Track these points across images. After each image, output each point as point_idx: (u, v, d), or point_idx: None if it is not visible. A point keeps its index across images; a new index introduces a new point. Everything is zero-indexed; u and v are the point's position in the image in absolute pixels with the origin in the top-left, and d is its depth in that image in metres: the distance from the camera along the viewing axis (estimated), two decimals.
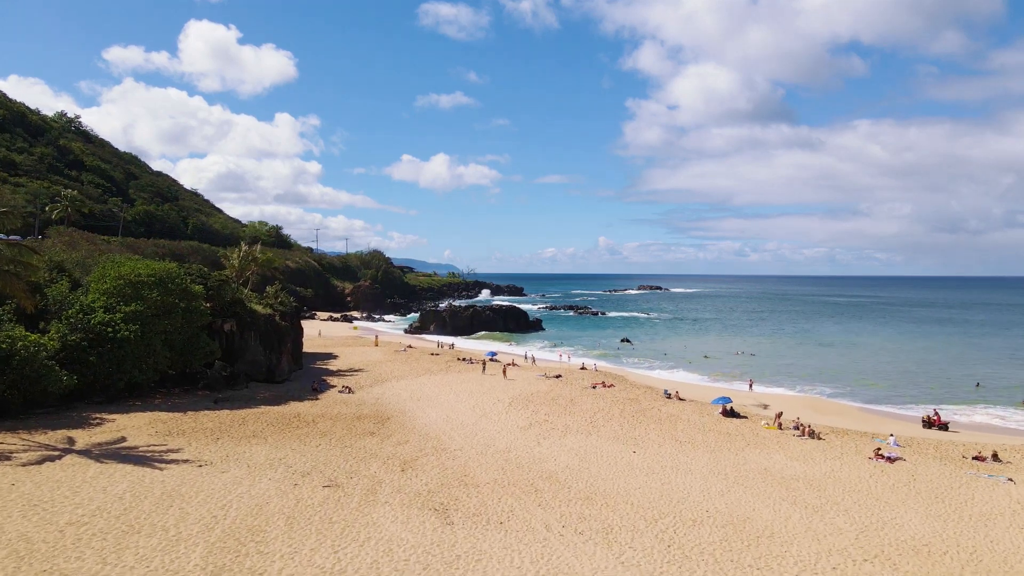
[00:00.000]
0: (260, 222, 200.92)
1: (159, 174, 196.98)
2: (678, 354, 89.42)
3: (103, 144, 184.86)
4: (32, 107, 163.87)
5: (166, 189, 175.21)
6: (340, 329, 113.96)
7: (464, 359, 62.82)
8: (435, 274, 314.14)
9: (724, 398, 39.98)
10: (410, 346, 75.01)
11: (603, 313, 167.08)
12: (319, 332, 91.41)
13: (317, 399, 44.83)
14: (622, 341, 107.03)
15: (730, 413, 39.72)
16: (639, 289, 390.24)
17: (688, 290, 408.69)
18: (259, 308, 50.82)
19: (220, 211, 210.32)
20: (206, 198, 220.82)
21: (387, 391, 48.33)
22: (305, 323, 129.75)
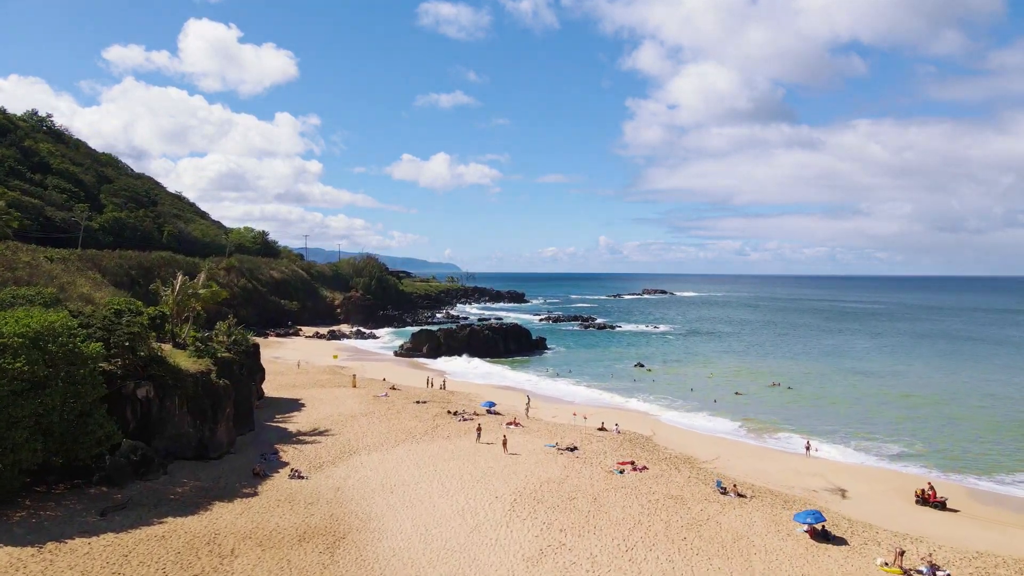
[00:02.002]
0: (246, 228, 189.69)
1: (139, 176, 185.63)
2: (704, 388, 78.07)
3: (77, 145, 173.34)
4: None
5: (144, 193, 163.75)
6: (322, 352, 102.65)
7: (455, 413, 51.42)
8: (433, 278, 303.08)
9: (812, 513, 28.64)
10: (393, 387, 63.64)
11: (611, 326, 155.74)
12: (298, 363, 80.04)
13: (255, 492, 33.55)
14: (636, 366, 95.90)
15: (822, 535, 28.41)
16: (643, 293, 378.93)
17: (693, 294, 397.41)
18: (189, 363, 39.48)
19: (205, 215, 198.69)
20: (191, 201, 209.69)
21: (353, 474, 37.02)
22: (287, 342, 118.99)
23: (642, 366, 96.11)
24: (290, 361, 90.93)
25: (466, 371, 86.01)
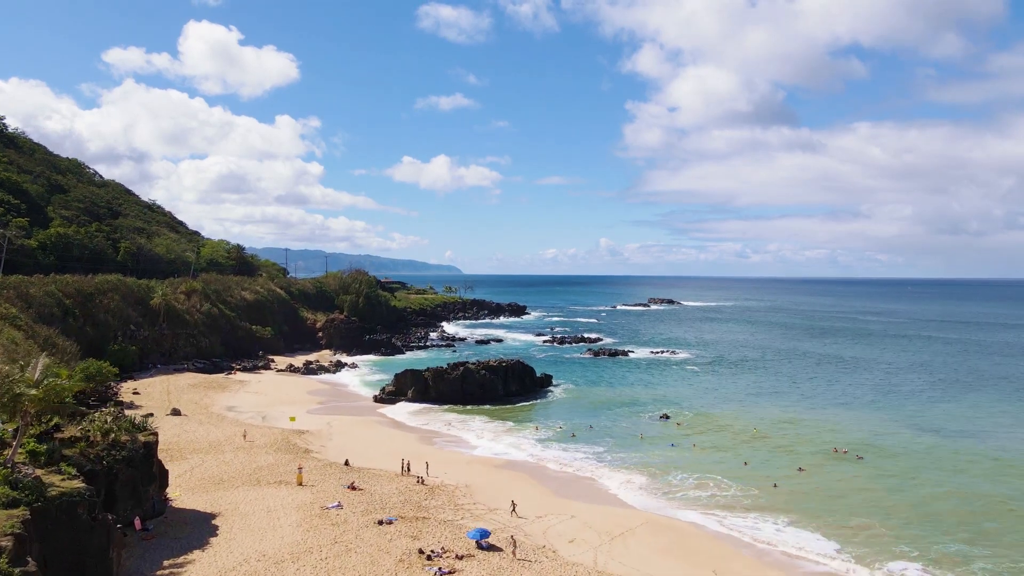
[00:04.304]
0: (220, 240, 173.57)
1: (104, 184, 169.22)
2: (757, 458, 62.26)
3: (35, 149, 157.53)
4: None
5: (105, 203, 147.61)
6: (290, 396, 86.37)
7: (430, 556, 34.85)
8: (430, 287, 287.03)
9: None
10: (353, 485, 47.01)
11: (622, 353, 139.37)
12: (244, 433, 62.99)
13: None
14: (662, 418, 79.95)
15: None
16: (650, 303, 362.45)
17: (702, 303, 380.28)
18: None
19: (179, 227, 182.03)
20: (167, 210, 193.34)
21: None
22: (252, 380, 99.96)
23: (668, 417, 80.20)
24: (244, 415, 74.84)
25: (458, 435, 69.55)
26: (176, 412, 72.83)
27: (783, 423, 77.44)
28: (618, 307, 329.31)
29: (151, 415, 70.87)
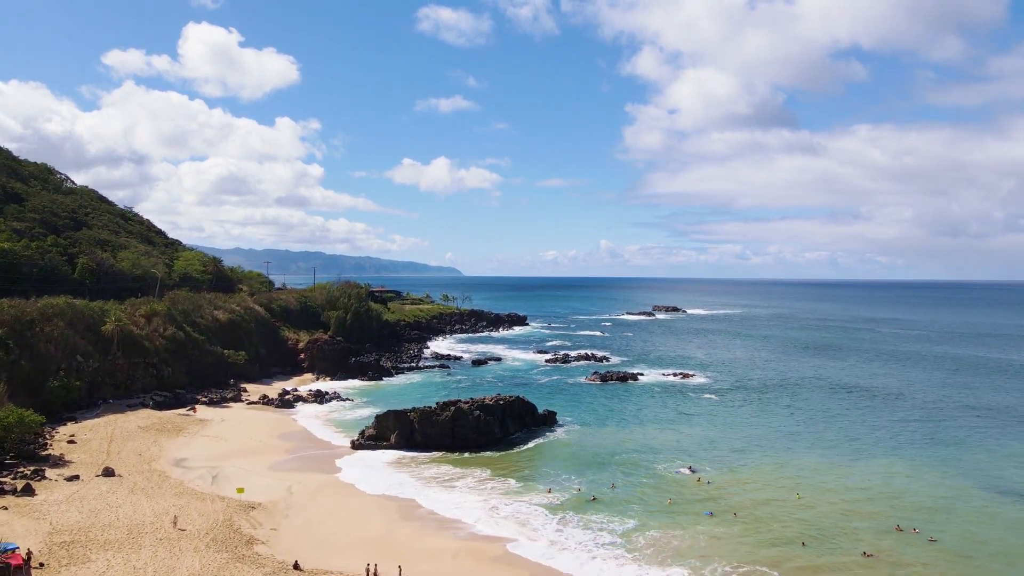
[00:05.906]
0: (196, 252, 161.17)
1: (73, 191, 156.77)
2: (808, 533, 50.31)
3: None
4: None
5: (68, 213, 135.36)
6: (257, 440, 74.58)
7: None
8: (427, 296, 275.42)
9: None
10: None
11: (632, 377, 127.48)
12: (175, 520, 49.38)
13: None
14: (688, 471, 68.43)
15: None
16: (654, 310, 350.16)
17: (707, 311, 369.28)
18: None
19: (156, 238, 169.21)
20: (144, 218, 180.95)
21: None
22: (215, 418, 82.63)
23: (693, 471, 68.52)
24: (192, 473, 63.16)
25: (445, 508, 57.07)
26: (109, 472, 60.79)
27: (828, 482, 65.59)
28: (622, 316, 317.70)
29: (76, 478, 60.04)
